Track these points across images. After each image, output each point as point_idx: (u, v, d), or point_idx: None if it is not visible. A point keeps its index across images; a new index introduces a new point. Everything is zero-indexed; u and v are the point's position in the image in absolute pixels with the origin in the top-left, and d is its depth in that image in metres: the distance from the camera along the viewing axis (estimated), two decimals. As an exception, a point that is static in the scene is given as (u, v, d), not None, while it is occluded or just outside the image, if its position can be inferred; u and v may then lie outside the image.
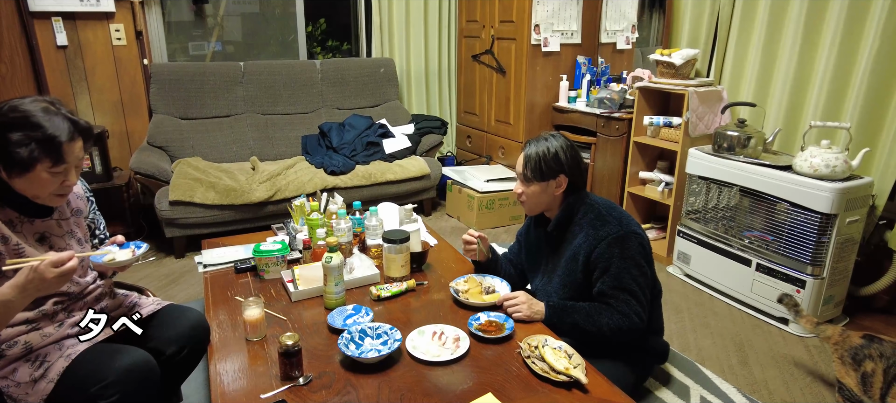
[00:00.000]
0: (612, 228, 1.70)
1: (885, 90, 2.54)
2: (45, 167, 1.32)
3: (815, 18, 2.76)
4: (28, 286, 1.25)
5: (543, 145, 1.76)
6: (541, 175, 1.75)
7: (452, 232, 3.77)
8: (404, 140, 3.96)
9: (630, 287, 1.68)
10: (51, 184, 1.35)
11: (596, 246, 1.70)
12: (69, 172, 1.38)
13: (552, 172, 1.75)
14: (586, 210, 1.78)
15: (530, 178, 1.77)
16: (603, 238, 1.69)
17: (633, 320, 1.66)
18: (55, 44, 3.44)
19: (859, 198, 2.43)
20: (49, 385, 1.36)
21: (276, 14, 4.47)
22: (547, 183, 1.76)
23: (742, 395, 2.12)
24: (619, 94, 3.60)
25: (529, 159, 1.76)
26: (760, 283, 2.66)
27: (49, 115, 1.32)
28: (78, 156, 1.38)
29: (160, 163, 3.28)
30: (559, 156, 1.74)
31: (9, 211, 1.39)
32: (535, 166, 1.75)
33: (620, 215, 1.76)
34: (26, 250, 1.38)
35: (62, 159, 1.33)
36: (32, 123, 1.30)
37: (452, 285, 1.87)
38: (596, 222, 1.74)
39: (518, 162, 1.81)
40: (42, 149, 1.30)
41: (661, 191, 3.34)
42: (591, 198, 1.82)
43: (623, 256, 1.68)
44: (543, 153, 1.75)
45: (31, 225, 1.43)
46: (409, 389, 1.39)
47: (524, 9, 3.78)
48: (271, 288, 1.92)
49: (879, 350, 1.83)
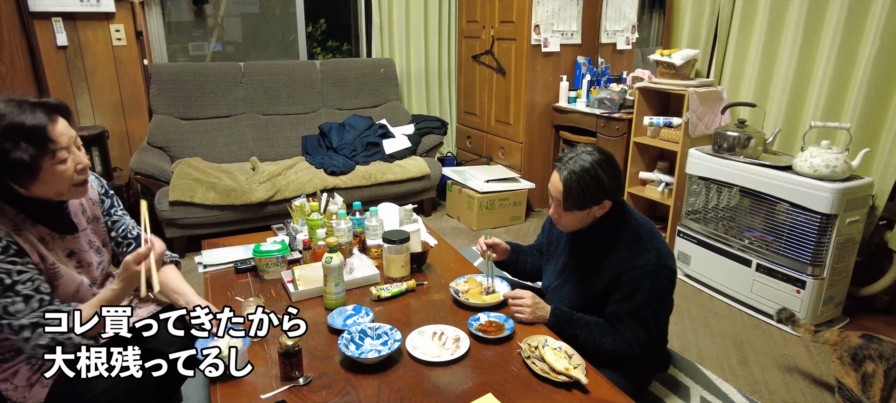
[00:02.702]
0: (650, 258, 1.60)
1: (885, 90, 2.54)
2: (47, 161, 1.28)
3: (815, 19, 2.76)
4: (126, 287, 1.36)
5: (579, 165, 1.58)
6: (582, 204, 1.61)
7: (452, 232, 3.77)
8: (404, 140, 3.97)
9: (646, 320, 1.63)
10: (64, 174, 1.32)
11: (628, 271, 1.60)
12: (73, 152, 1.34)
13: (595, 200, 1.61)
14: (625, 230, 1.66)
15: (570, 208, 1.63)
16: (638, 267, 1.59)
17: (634, 350, 1.63)
18: (55, 44, 3.44)
19: (859, 199, 2.43)
20: (43, 390, 1.37)
21: (276, 14, 4.48)
22: (589, 210, 1.63)
23: (742, 395, 2.12)
24: (619, 95, 3.60)
25: (570, 189, 1.59)
26: (760, 284, 2.66)
27: (17, 110, 1.26)
28: (69, 136, 1.33)
29: (160, 164, 3.28)
30: (602, 182, 1.58)
31: (41, 228, 1.38)
32: (577, 197, 1.59)
33: (659, 244, 1.65)
34: (60, 268, 1.39)
35: (55, 144, 1.29)
36: (5, 127, 1.24)
37: (452, 285, 1.87)
38: (633, 247, 1.63)
39: (553, 184, 1.64)
40: (33, 145, 1.25)
41: (661, 192, 3.34)
42: (632, 217, 1.69)
43: (651, 290, 1.60)
44: (585, 181, 1.57)
45: (61, 241, 1.43)
46: (410, 389, 1.39)
47: (524, 9, 3.78)
48: (271, 289, 1.92)
49: (879, 351, 1.83)
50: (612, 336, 1.63)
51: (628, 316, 1.62)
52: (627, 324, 1.62)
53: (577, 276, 1.77)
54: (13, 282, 1.27)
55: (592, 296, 1.71)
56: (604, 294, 1.67)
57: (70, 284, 1.42)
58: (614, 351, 1.63)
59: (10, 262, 1.27)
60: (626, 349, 1.62)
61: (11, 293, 1.26)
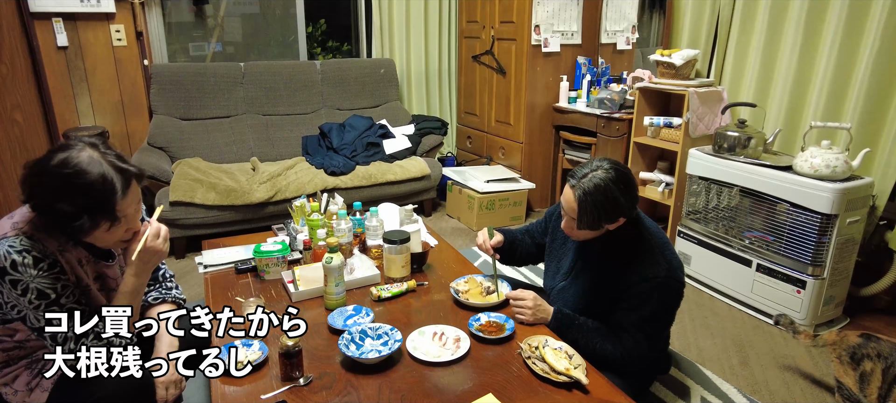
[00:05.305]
0: (661, 270, 1.58)
1: (885, 90, 2.54)
2: (103, 228, 1.29)
3: (816, 19, 2.76)
4: (146, 266, 1.41)
5: (593, 184, 1.53)
6: (597, 224, 1.58)
7: (453, 232, 3.78)
8: (404, 140, 3.97)
9: (651, 332, 1.63)
10: (113, 236, 1.34)
11: (638, 282, 1.59)
12: (129, 218, 1.34)
13: (610, 219, 1.58)
14: (638, 240, 1.64)
15: (584, 227, 1.60)
16: (649, 278, 1.58)
17: (634, 360, 1.62)
18: (56, 44, 3.44)
19: (860, 199, 2.43)
20: (43, 394, 1.37)
21: (277, 15, 4.48)
22: (603, 228, 1.61)
23: (743, 396, 2.12)
24: (619, 95, 3.60)
25: (584, 209, 1.55)
26: (761, 284, 2.66)
27: (98, 171, 1.25)
28: (135, 201, 1.34)
29: (160, 164, 3.28)
30: (617, 202, 1.54)
31: (80, 251, 1.39)
32: (591, 218, 1.56)
33: (671, 256, 1.64)
34: (91, 289, 1.41)
35: (118, 218, 1.30)
36: (79, 186, 1.23)
37: (453, 285, 1.87)
38: (646, 258, 1.61)
39: (567, 200, 1.60)
40: (95, 217, 1.26)
41: (661, 192, 3.35)
42: (646, 228, 1.67)
43: (659, 303, 1.60)
44: (600, 200, 1.53)
45: (94, 265, 1.44)
46: (410, 390, 1.39)
47: (524, 9, 3.78)
48: (272, 289, 1.92)
49: (877, 350, 1.83)
50: (613, 343, 1.63)
51: (633, 326, 1.62)
52: (631, 334, 1.62)
53: (584, 280, 1.75)
54: (57, 296, 1.29)
55: (598, 302, 1.70)
56: (611, 300, 1.66)
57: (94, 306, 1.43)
58: (615, 358, 1.62)
59: (54, 276, 1.28)
60: (626, 357, 1.62)
61: (56, 306, 1.28)
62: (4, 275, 1.23)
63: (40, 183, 1.24)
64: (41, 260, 1.26)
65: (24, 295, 1.25)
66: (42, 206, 1.26)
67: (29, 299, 1.25)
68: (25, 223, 1.29)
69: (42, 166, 1.24)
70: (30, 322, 1.28)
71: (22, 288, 1.24)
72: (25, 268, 1.24)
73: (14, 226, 1.28)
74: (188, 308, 1.46)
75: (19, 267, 1.23)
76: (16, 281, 1.24)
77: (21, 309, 1.27)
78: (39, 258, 1.26)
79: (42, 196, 1.25)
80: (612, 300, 1.66)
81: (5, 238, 1.25)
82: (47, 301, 1.27)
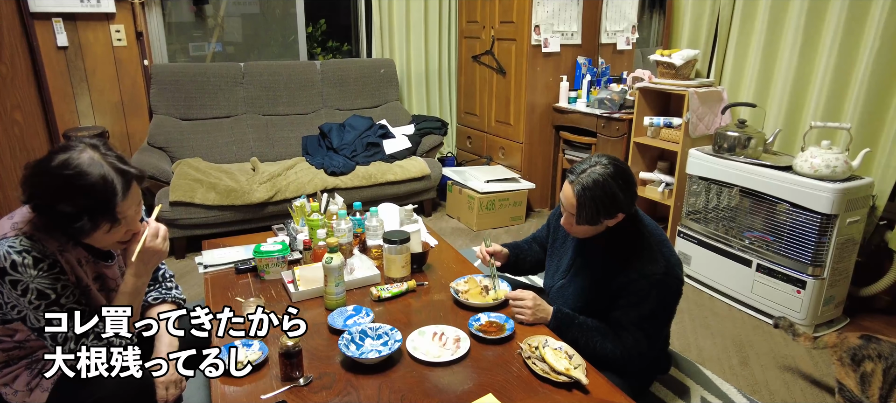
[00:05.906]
0: (659, 267, 1.59)
1: (885, 90, 2.54)
2: (103, 229, 1.29)
3: (816, 19, 2.76)
4: (146, 266, 1.41)
5: (592, 180, 1.54)
6: (596, 220, 1.59)
7: (453, 232, 3.77)
8: (404, 140, 3.97)
9: (650, 330, 1.63)
10: (113, 237, 1.34)
11: (637, 280, 1.59)
12: (128, 219, 1.34)
13: (608, 215, 1.58)
14: (637, 237, 1.65)
15: (582, 222, 1.60)
16: (647, 275, 1.58)
17: (633, 359, 1.62)
18: (56, 44, 3.44)
19: (860, 199, 2.43)
20: (43, 394, 1.37)
21: (277, 15, 4.48)
22: (601, 224, 1.62)
23: (743, 396, 2.12)
24: (619, 95, 3.60)
25: (583, 205, 1.56)
26: (761, 284, 2.66)
27: (99, 172, 1.25)
28: (135, 202, 1.34)
29: (160, 164, 3.28)
30: (616, 197, 1.55)
31: (80, 251, 1.39)
32: (590, 213, 1.57)
33: (669, 254, 1.64)
34: (91, 290, 1.41)
35: (118, 219, 1.30)
36: (79, 187, 1.23)
37: (453, 286, 1.87)
38: (645, 255, 1.61)
39: (566, 196, 1.61)
40: (95, 218, 1.25)
41: (661, 192, 3.35)
42: (644, 226, 1.67)
43: (658, 300, 1.60)
44: (598, 196, 1.54)
45: (94, 266, 1.43)
46: (410, 390, 1.39)
47: (524, 9, 3.78)
48: (272, 289, 1.92)
49: (877, 351, 1.83)
50: (612, 341, 1.63)
51: (632, 324, 1.62)
52: (630, 332, 1.62)
53: (583, 278, 1.76)
54: (57, 296, 1.29)
55: (597, 300, 1.70)
56: (609, 298, 1.66)
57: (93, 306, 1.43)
58: (615, 357, 1.62)
59: (53, 277, 1.28)
60: (625, 356, 1.62)
61: (56, 306, 1.28)
62: (4, 276, 1.23)
63: (41, 183, 1.24)
64: (41, 260, 1.26)
65: (24, 295, 1.25)
66: (42, 207, 1.26)
67: (29, 299, 1.25)
68: (25, 223, 1.29)
69: (43, 167, 1.24)
70: (30, 322, 1.28)
71: (22, 289, 1.24)
72: (25, 269, 1.24)
73: (14, 227, 1.28)
74: (188, 308, 1.46)
75: (19, 267, 1.23)
76: (16, 281, 1.24)
77: (21, 310, 1.27)
78: (39, 258, 1.26)
79: (42, 197, 1.25)
80: (611, 296, 1.66)
81: (5, 238, 1.25)
82: (47, 301, 1.27)
